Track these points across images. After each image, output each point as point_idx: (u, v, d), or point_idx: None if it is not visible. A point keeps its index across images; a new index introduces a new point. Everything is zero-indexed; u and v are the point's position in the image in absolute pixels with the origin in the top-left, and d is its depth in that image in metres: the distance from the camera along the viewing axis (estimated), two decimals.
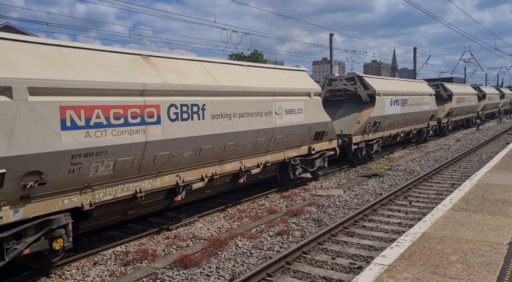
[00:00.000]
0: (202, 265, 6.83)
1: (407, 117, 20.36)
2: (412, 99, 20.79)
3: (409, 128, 21.32)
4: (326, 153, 13.63)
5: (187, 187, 8.62)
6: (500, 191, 8.69)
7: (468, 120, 33.60)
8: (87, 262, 7.24)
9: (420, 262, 4.97)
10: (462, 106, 31.09)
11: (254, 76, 10.63)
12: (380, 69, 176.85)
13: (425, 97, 23.01)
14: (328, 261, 6.99)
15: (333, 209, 10.27)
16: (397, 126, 19.63)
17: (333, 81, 17.85)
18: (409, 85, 22.41)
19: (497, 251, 5.29)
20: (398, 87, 20.08)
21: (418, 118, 22.52)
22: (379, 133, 17.67)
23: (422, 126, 23.76)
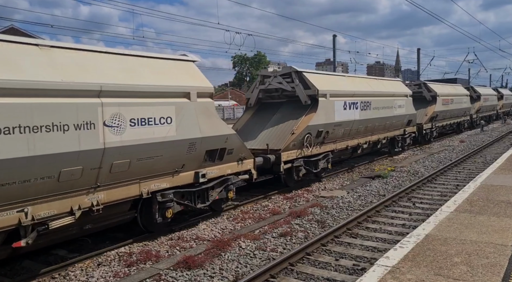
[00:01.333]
0: (206, 266, 6.83)
1: (371, 123, 16.10)
2: (378, 101, 16.57)
3: (377, 137, 17.02)
4: (232, 179, 9.81)
5: None
6: (504, 193, 8.65)
7: (460, 124, 28.58)
8: (91, 263, 7.26)
9: (424, 264, 4.95)
10: (449, 109, 26.40)
11: None
12: (384, 70, 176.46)
13: (397, 99, 18.37)
14: (332, 263, 6.98)
15: (336, 211, 10.26)
16: (357, 136, 15.51)
17: (267, 78, 13.75)
18: (375, 83, 17.52)
19: (502, 252, 5.26)
20: (356, 86, 15.56)
21: (389, 125, 17.97)
22: (328, 145, 13.64)
23: (396, 134, 18.94)
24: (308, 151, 12.55)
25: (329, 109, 13.31)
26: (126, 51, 7.90)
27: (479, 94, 36.13)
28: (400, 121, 18.85)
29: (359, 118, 15.03)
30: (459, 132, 30.23)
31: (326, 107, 13.11)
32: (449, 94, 26.53)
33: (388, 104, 17.54)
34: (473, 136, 28.11)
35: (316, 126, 12.64)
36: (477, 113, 35.53)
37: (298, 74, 13.15)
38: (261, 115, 13.56)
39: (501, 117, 44.28)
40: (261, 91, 13.87)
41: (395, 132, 18.67)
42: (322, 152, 13.37)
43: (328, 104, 13.26)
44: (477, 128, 33.30)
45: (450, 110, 26.81)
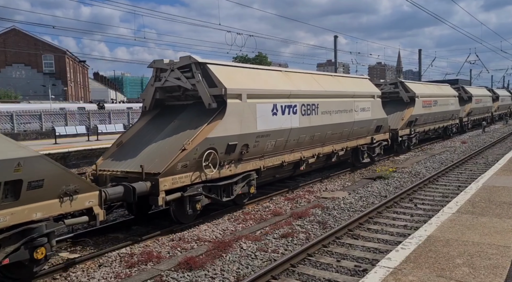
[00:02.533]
0: (207, 267, 6.83)
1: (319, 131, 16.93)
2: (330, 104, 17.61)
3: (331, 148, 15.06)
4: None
5: None
6: (506, 194, 8.63)
7: (446, 129, 27.16)
8: (92, 264, 7.26)
9: (426, 265, 4.94)
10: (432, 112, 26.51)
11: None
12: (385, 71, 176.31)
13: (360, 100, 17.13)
14: (333, 264, 6.97)
15: (337, 212, 10.24)
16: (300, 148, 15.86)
17: (163, 73, 11.13)
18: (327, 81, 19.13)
19: (504, 254, 5.24)
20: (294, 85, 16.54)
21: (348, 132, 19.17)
22: (249, 163, 10.94)
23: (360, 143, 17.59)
24: (211, 173, 9.29)
25: (247, 114, 10.10)
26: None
27: (470, 95, 32.61)
28: (365, 127, 15.56)
29: (299, 126, 11.94)
30: (446, 138, 27.02)
31: (240, 112, 9.91)
32: (432, 95, 23.46)
33: (346, 107, 14.25)
34: (475, 137, 28.06)
35: (224, 139, 9.45)
36: (468, 116, 32.24)
37: (201, 67, 9.89)
38: (158, 122, 10.41)
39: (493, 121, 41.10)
40: (157, 90, 10.62)
41: (359, 141, 15.43)
42: (239, 172, 10.23)
43: (245, 108, 10.05)
44: (468, 133, 30.86)
45: (434, 113, 23.51)
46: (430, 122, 23.64)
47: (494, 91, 43.90)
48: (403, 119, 19.98)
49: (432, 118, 23.60)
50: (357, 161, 16.17)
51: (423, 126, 22.57)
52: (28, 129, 29.00)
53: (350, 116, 14.48)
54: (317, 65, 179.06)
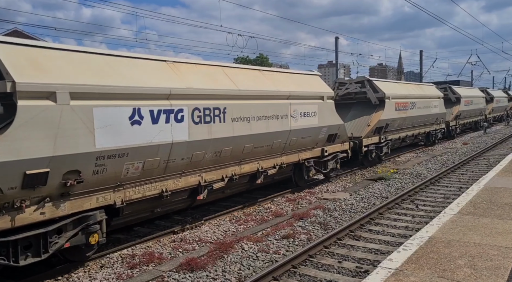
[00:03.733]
0: (208, 268, 6.83)
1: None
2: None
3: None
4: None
5: None
6: (508, 195, 8.62)
7: (430, 135, 23.64)
8: (94, 265, 7.27)
9: (427, 266, 4.94)
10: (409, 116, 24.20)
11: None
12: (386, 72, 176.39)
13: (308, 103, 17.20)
14: (335, 265, 6.97)
15: (339, 213, 10.24)
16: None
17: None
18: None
19: (506, 255, 5.24)
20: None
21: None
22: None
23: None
24: None
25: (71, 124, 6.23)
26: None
27: (458, 95, 28.75)
28: (310, 137, 12.20)
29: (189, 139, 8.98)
30: (430, 144, 23.82)
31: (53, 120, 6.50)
32: (408, 96, 19.85)
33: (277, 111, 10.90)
34: (476, 138, 28.02)
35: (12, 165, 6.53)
36: (457, 119, 28.58)
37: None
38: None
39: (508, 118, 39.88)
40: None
41: (303, 154, 12.21)
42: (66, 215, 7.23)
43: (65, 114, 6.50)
44: (456, 138, 27.99)
45: (411, 118, 19.94)
46: (407, 127, 19.98)
47: (488, 92, 40.03)
48: (369, 125, 16.37)
49: (409, 123, 19.93)
50: (301, 179, 12.68)
51: (397, 132, 18.95)
52: None
53: (284, 123, 10.89)
54: (318, 66, 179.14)
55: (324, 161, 13.31)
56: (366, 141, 16.26)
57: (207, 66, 9.51)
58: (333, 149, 13.67)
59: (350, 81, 18.63)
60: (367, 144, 16.33)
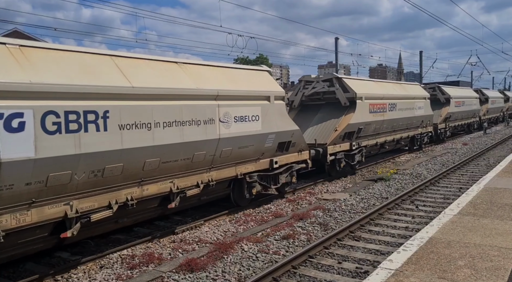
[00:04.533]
0: (208, 269, 6.83)
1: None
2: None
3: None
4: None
5: None
6: (508, 195, 8.61)
7: (414, 140, 21.34)
8: (94, 265, 7.27)
9: (427, 267, 4.93)
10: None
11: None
12: (386, 73, 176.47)
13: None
14: (334, 266, 6.96)
15: (339, 213, 10.24)
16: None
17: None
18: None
19: (506, 256, 5.23)
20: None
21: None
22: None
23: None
24: None
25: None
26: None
27: (448, 96, 26.26)
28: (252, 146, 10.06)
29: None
30: (415, 150, 21.69)
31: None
32: (387, 97, 17.25)
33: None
34: (476, 139, 28.02)
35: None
36: (446, 122, 26.10)
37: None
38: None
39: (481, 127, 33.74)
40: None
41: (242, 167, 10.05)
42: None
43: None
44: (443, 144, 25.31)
45: (390, 120, 17.46)
46: (386, 132, 17.57)
47: (483, 92, 37.99)
48: (336, 130, 14.15)
49: (388, 126, 17.52)
50: (242, 198, 10.57)
51: (374, 138, 16.59)
52: None
53: (210, 130, 8.73)
54: (318, 67, 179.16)
55: (274, 175, 11.10)
56: (333, 149, 13.95)
57: (83, 54, 7.02)
58: (287, 160, 11.50)
59: (317, 79, 15.80)
60: (333, 152, 14.00)
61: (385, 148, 18.50)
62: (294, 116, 15.53)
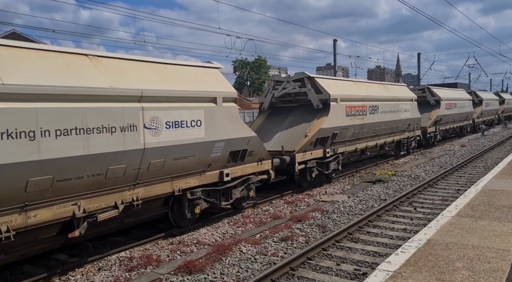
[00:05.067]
0: (207, 271, 6.82)
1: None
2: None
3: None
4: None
5: None
6: (506, 197, 8.63)
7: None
8: (92, 267, 7.25)
9: (426, 269, 4.94)
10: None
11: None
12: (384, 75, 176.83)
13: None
14: (333, 267, 6.96)
15: (337, 215, 10.24)
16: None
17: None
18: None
19: (503, 257, 5.25)
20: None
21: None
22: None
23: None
24: None
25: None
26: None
27: (438, 98, 24.42)
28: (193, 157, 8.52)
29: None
30: (402, 155, 20.39)
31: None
32: (367, 98, 15.68)
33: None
34: (474, 141, 28.09)
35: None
36: (436, 125, 24.25)
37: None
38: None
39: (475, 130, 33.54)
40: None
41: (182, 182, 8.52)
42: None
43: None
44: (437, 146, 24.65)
45: (371, 124, 16.01)
46: (367, 137, 16.00)
47: (477, 94, 36.64)
48: (306, 136, 12.63)
49: (369, 131, 16.00)
50: (183, 219, 9.00)
51: (353, 143, 15.10)
52: None
53: (130, 138, 7.13)
54: (317, 69, 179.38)
55: (226, 189, 9.76)
56: (302, 157, 12.43)
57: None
58: (243, 171, 10.16)
59: (287, 79, 14.20)
60: (303, 161, 12.49)
61: (367, 154, 16.89)
62: (263, 120, 14.33)
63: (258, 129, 13.52)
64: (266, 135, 13.14)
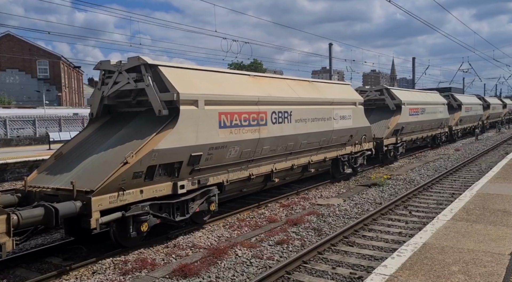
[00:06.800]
0: (202, 275, 6.78)
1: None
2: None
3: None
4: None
5: None
6: (500, 201, 8.68)
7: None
8: (86, 271, 7.18)
9: (421, 272, 4.94)
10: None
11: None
12: (379, 79, 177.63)
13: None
14: (328, 271, 6.95)
15: (333, 218, 10.24)
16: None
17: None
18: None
19: (499, 261, 5.26)
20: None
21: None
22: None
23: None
24: None
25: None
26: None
27: (399, 101, 20.04)
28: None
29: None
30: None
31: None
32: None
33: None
34: (468, 145, 28.25)
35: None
36: (398, 135, 19.77)
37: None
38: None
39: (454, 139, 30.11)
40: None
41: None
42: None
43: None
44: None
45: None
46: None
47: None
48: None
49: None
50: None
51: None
52: (22, 134, 28.84)
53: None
54: (312, 72, 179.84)
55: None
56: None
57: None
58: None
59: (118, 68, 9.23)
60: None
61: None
62: None
63: None
64: None
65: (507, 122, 50.05)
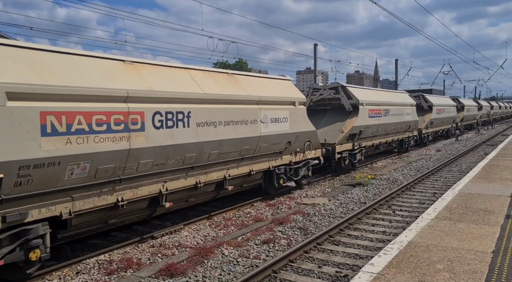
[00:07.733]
0: (188, 274, 6.74)
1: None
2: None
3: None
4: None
5: None
6: (482, 201, 8.88)
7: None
8: (70, 271, 7.06)
9: (408, 270, 5.02)
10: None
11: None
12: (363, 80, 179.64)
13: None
14: (315, 270, 6.99)
15: (318, 218, 10.31)
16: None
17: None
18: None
19: (482, 259, 5.38)
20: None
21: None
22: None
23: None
24: None
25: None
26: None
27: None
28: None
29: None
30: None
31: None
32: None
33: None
34: (449, 146, 28.81)
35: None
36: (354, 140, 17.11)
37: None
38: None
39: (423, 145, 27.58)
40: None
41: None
42: None
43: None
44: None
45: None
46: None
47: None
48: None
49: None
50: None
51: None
52: None
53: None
54: (297, 72, 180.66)
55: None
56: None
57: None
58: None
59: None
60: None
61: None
62: None
63: None
64: None
65: (483, 124, 49.06)
